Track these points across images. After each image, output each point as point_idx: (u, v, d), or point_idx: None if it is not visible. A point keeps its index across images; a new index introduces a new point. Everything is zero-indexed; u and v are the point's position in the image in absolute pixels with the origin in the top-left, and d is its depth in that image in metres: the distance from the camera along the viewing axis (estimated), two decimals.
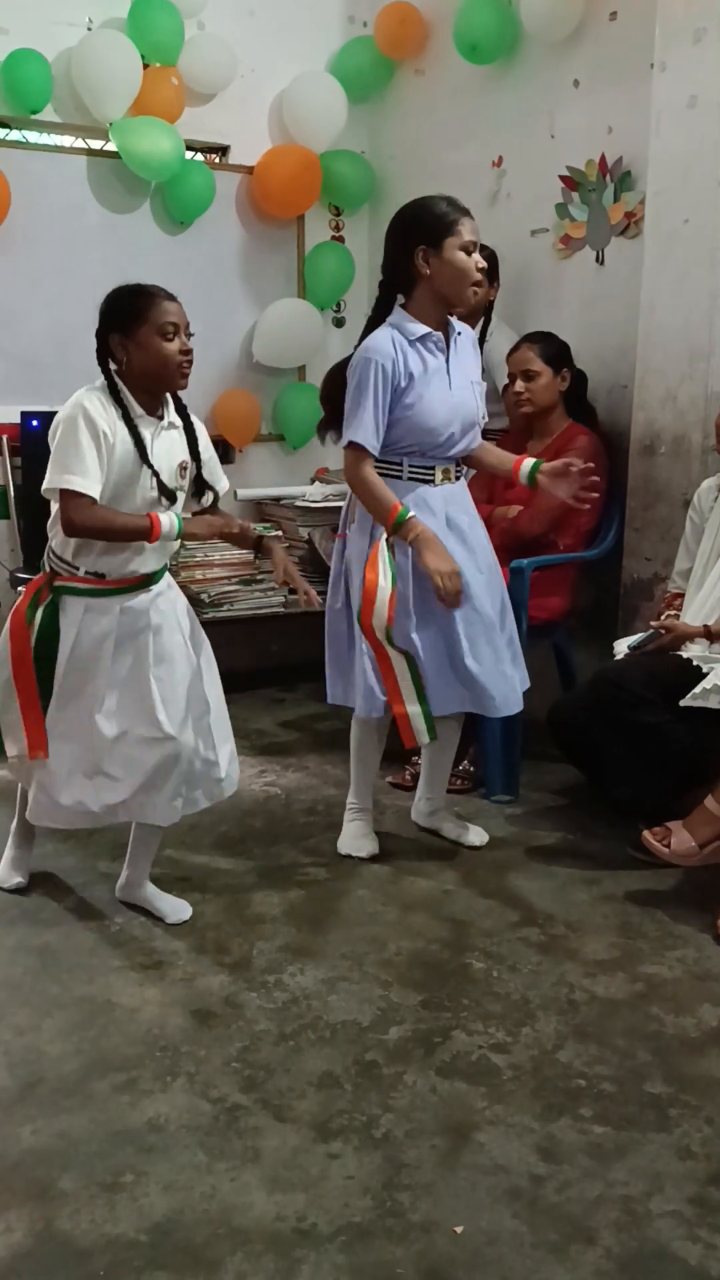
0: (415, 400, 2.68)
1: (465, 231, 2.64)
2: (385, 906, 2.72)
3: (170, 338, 2.34)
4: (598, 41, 3.71)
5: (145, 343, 2.33)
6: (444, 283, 2.66)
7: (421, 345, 2.71)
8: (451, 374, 2.74)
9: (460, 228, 2.64)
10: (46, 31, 4.03)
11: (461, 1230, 1.71)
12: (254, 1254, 1.66)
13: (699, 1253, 1.67)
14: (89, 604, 2.45)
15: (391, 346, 2.67)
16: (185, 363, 2.37)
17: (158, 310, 2.33)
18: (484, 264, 2.71)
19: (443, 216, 2.65)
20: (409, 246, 2.67)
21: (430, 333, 2.71)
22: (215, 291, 4.51)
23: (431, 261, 2.65)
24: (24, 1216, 1.73)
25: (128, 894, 2.69)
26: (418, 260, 2.66)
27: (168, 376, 2.37)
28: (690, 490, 3.26)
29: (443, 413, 2.70)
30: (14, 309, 4.14)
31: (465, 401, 2.75)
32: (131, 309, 2.34)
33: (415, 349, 2.70)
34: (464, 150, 4.29)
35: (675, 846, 2.73)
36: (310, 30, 4.54)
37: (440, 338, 2.73)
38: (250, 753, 3.79)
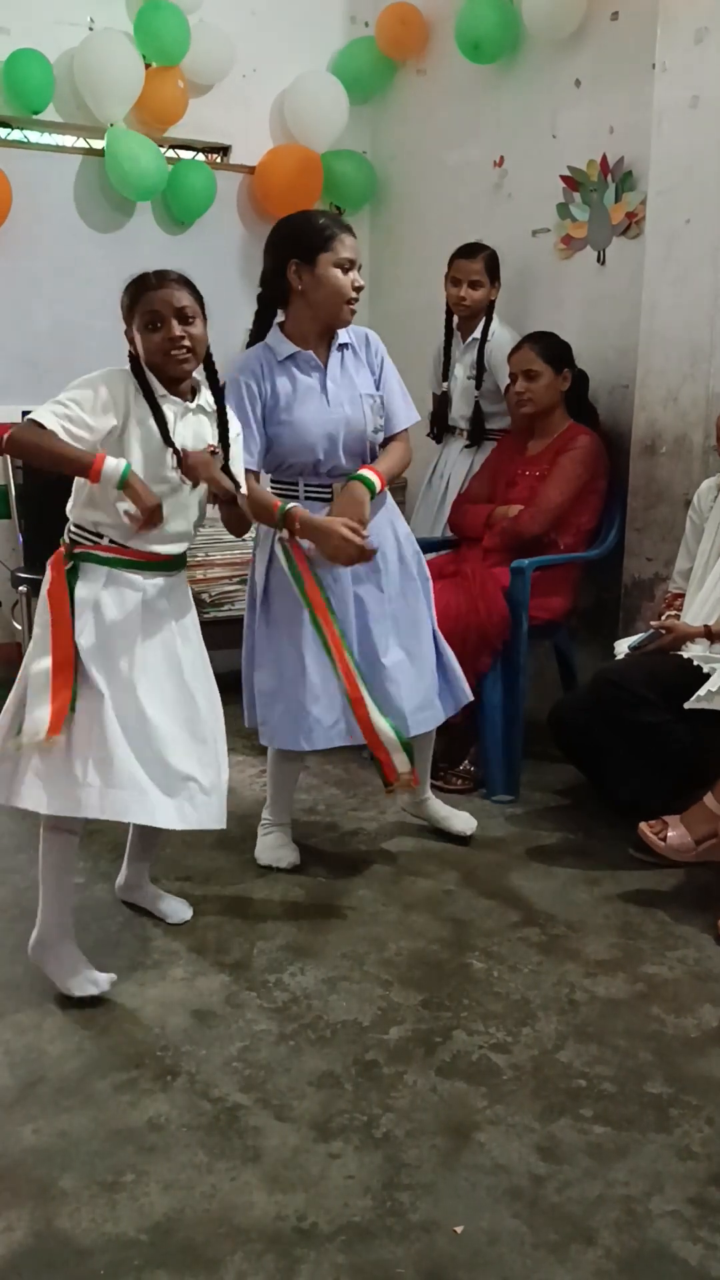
0: (288, 420, 2.65)
1: (342, 248, 2.58)
2: (386, 906, 2.72)
3: (155, 329, 2.28)
4: (599, 41, 3.72)
5: (137, 334, 2.32)
6: (317, 300, 2.61)
7: (292, 364, 2.68)
8: (329, 391, 2.68)
9: (337, 244, 2.58)
10: (48, 32, 4.03)
11: (462, 1230, 1.71)
12: (254, 1253, 1.66)
13: (699, 1253, 1.67)
14: (111, 574, 2.36)
15: (257, 365, 2.65)
16: (173, 351, 2.29)
17: (141, 300, 2.29)
18: (361, 284, 2.63)
19: (320, 230, 2.59)
20: (282, 260, 2.62)
21: (299, 352, 2.67)
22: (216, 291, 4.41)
23: (304, 277, 2.60)
24: (25, 1215, 1.73)
25: (128, 894, 2.69)
26: (290, 274, 2.61)
27: (155, 365, 2.32)
28: (691, 490, 3.26)
29: (317, 431, 2.65)
30: (15, 308, 4.14)
31: (349, 419, 2.68)
32: (128, 300, 2.33)
33: (285, 367, 2.67)
34: (465, 150, 4.29)
35: (672, 840, 2.73)
36: (311, 30, 4.55)
37: (311, 356, 2.68)
38: (250, 752, 3.79)
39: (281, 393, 2.66)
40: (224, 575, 4.19)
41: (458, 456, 3.95)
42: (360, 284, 2.65)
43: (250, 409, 2.64)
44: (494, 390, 3.81)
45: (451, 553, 3.67)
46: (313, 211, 2.67)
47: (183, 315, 2.31)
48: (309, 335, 2.68)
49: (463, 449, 3.94)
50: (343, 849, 3.05)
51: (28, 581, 3.98)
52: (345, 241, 2.60)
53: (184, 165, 4.35)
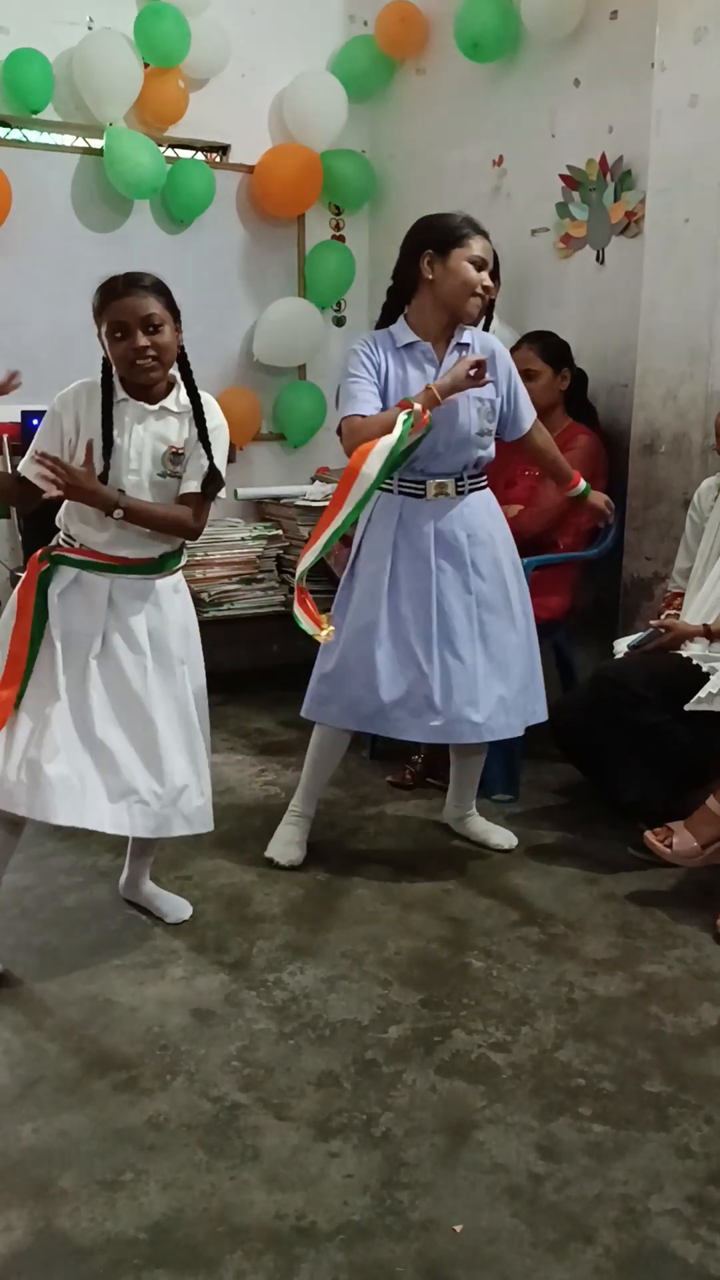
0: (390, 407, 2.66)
1: (475, 247, 2.65)
2: (385, 906, 2.72)
3: (120, 338, 2.28)
4: (598, 40, 3.71)
5: (107, 340, 2.32)
6: (446, 291, 2.66)
7: (406, 354, 2.71)
8: None
9: (471, 241, 2.65)
10: (47, 31, 4.03)
11: (461, 1229, 1.71)
12: (254, 1252, 1.66)
13: (698, 1251, 1.67)
14: (80, 575, 2.40)
15: (375, 342, 2.71)
16: (138, 361, 2.28)
17: (107, 310, 2.29)
18: (489, 283, 2.70)
19: (456, 228, 2.67)
20: (417, 250, 2.68)
21: (417, 342, 2.71)
22: (215, 291, 4.51)
23: (435, 268, 2.65)
24: (24, 1215, 1.73)
25: (130, 892, 2.69)
26: (423, 264, 2.66)
27: (125, 374, 2.33)
28: (690, 489, 3.26)
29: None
30: (14, 308, 4.14)
31: (453, 417, 2.69)
32: (97, 303, 2.33)
33: (400, 356, 2.71)
34: (465, 149, 4.29)
35: (677, 847, 2.72)
36: (310, 29, 4.54)
37: (429, 348, 2.72)
38: (250, 752, 3.79)
39: (393, 378, 2.70)
40: (223, 575, 4.20)
41: None
42: (489, 285, 2.70)
43: (362, 371, 2.69)
44: None
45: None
46: (452, 213, 2.75)
47: (149, 323, 2.28)
48: (431, 328, 2.72)
49: None
50: (342, 848, 3.05)
51: None
52: (479, 242, 2.67)
53: (183, 164, 4.34)
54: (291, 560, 4.38)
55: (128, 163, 4.10)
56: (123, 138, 4.10)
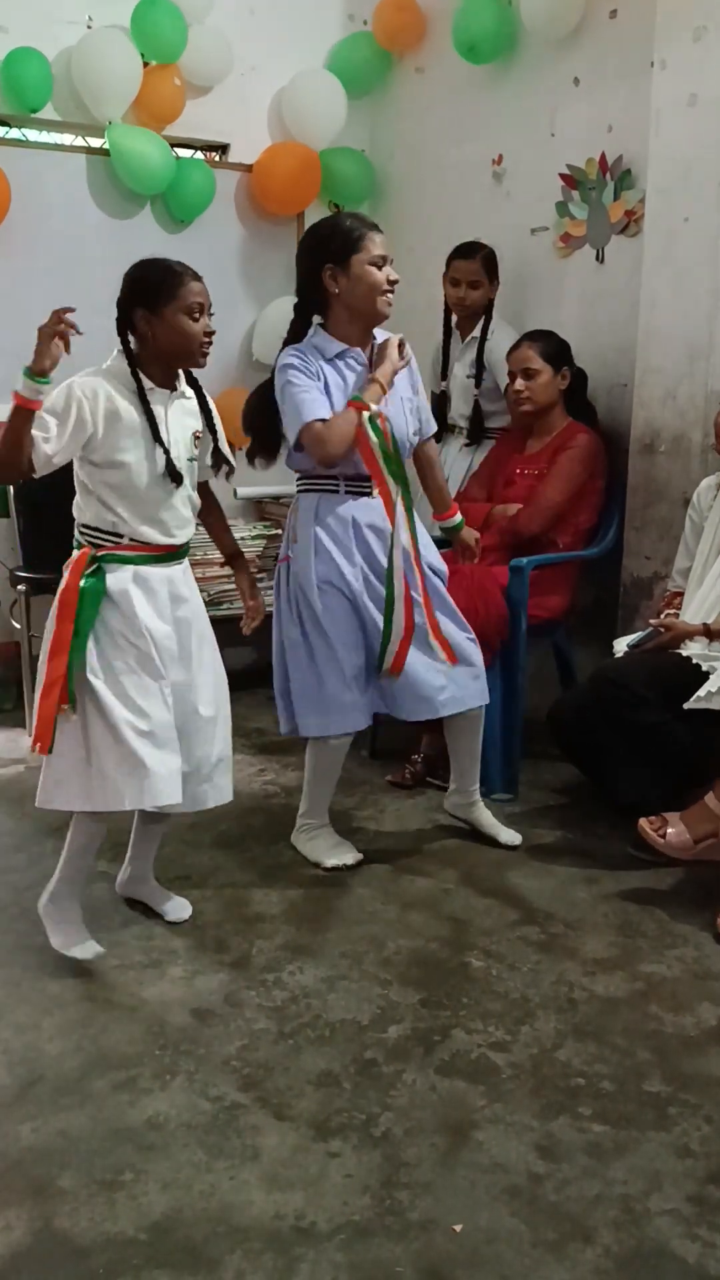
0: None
1: (373, 246, 2.65)
2: (385, 905, 2.72)
3: (196, 317, 2.36)
4: (598, 39, 3.71)
5: (172, 320, 2.34)
6: (354, 300, 2.68)
7: (340, 361, 2.73)
8: None
9: (367, 243, 2.65)
10: (46, 30, 4.02)
11: (460, 1229, 1.71)
12: (253, 1252, 1.66)
13: (697, 1251, 1.67)
14: (137, 572, 2.41)
15: (303, 354, 2.72)
16: (207, 343, 2.39)
17: (186, 289, 2.35)
18: (395, 277, 2.71)
19: (348, 232, 2.66)
20: (317, 265, 2.69)
21: (347, 349, 2.73)
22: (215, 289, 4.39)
23: (339, 280, 2.66)
24: (23, 1214, 1.73)
25: (129, 890, 2.69)
26: (325, 279, 2.67)
27: (190, 355, 2.40)
28: (690, 489, 3.26)
29: None
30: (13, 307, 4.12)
31: (392, 419, 2.73)
32: (160, 285, 2.35)
33: (334, 365, 2.73)
34: (464, 148, 4.29)
35: (671, 838, 2.73)
36: (310, 28, 4.54)
37: (360, 354, 2.75)
38: (250, 751, 3.79)
39: (331, 388, 2.71)
40: (222, 574, 4.19)
41: (457, 455, 3.94)
42: (394, 278, 2.71)
43: (306, 373, 2.70)
44: (493, 389, 3.81)
45: (450, 551, 3.66)
46: (340, 215, 2.75)
47: (209, 309, 2.41)
48: (351, 336, 2.74)
49: (462, 448, 3.94)
50: None
51: (27, 580, 3.98)
52: (374, 239, 2.68)
53: (183, 163, 4.34)
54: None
55: (136, 158, 4.09)
56: (128, 134, 4.09)
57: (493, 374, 3.79)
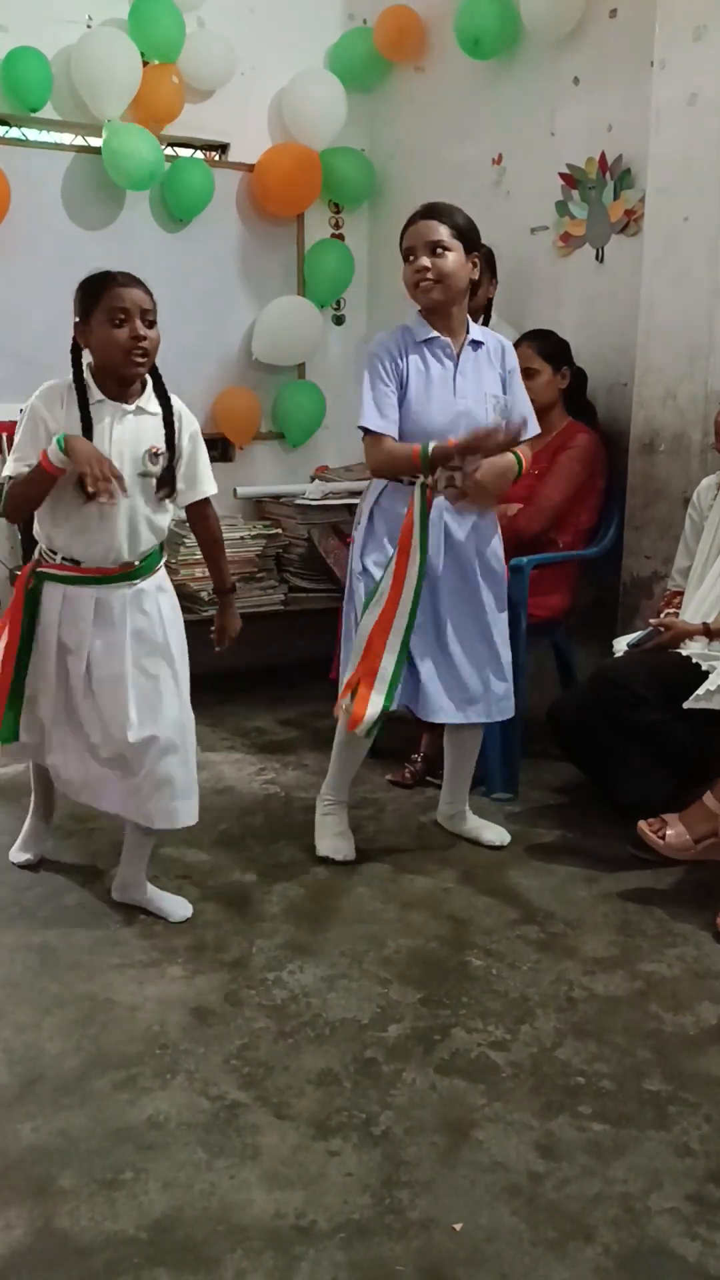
0: (413, 404, 2.71)
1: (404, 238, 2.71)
2: (385, 904, 2.72)
3: (119, 324, 2.30)
4: (598, 39, 3.71)
5: (97, 328, 2.33)
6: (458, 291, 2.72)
7: (426, 349, 2.74)
8: (458, 383, 2.74)
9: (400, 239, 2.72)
10: (46, 29, 4.02)
11: (460, 1227, 1.71)
12: (253, 1251, 1.66)
13: (697, 1250, 1.67)
14: (66, 592, 2.46)
15: (394, 343, 2.73)
16: (134, 350, 2.32)
17: (109, 295, 2.31)
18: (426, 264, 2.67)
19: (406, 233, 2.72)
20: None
21: (436, 337, 2.74)
22: (215, 289, 4.51)
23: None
24: (24, 1214, 1.73)
25: (124, 895, 2.68)
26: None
27: (114, 363, 2.35)
28: (690, 488, 3.26)
29: (442, 420, 2.70)
30: (13, 307, 4.13)
31: (470, 412, 2.73)
32: (88, 293, 2.34)
33: (419, 352, 2.73)
34: (464, 147, 4.29)
35: (671, 839, 2.73)
36: (310, 28, 4.54)
37: (449, 344, 2.75)
38: (250, 750, 3.79)
39: (413, 374, 2.72)
40: None
41: None
42: (424, 264, 2.67)
43: (388, 373, 2.71)
44: None
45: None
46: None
47: (146, 316, 2.34)
48: (444, 325, 2.75)
49: None
50: None
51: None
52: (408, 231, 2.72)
53: (182, 163, 4.34)
54: (291, 559, 4.38)
55: (125, 154, 4.09)
56: (121, 131, 4.09)
57: None
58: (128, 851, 2.64)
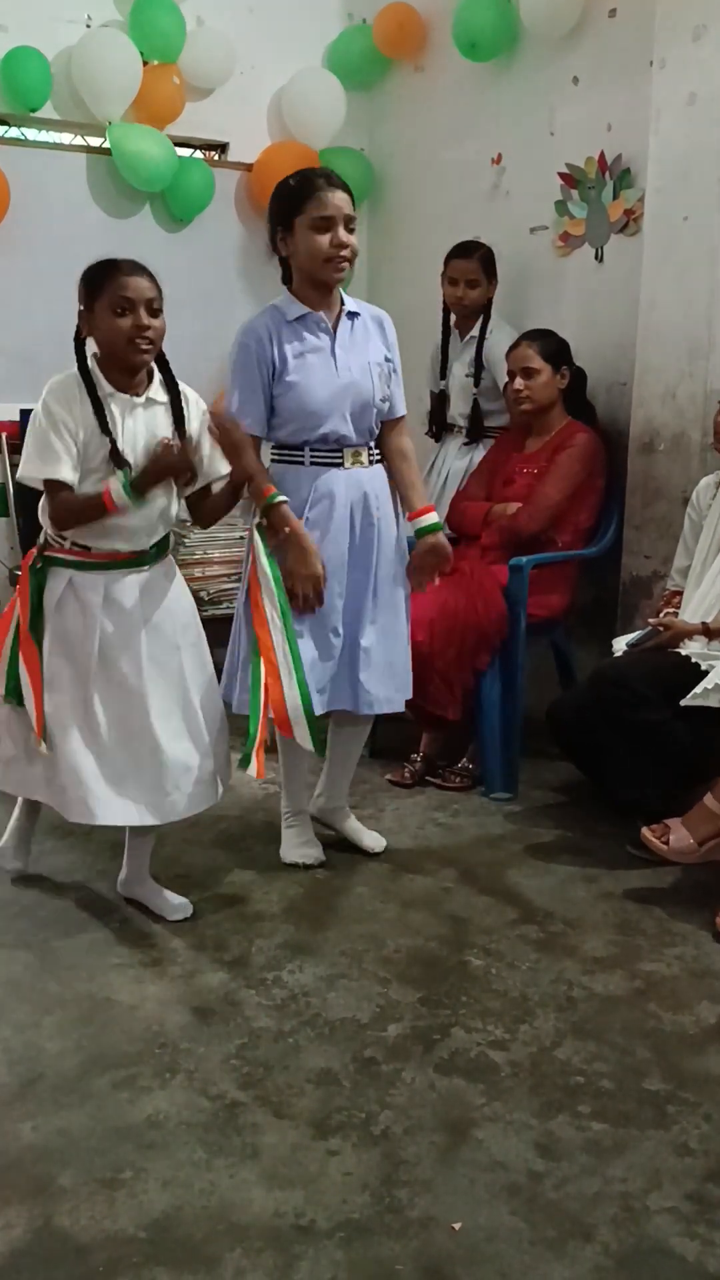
0: (294, 381, 2.63)
1: (314, 208, 2.53)
2: (384, 904, 2.72)
3: (121, 312, 2.28)
4: (597, 38, 3.71)
5: (100, 318, 2.31)
6: (302, 263, 2.62)
7: (301, 325, 2.65)
8: (338, 356, 2.66)
9: (308, 205, 2.54)
10: (46, 29, 4.03)
11: (460, 1227, 1.71)
12: (253, 1250, 1.66)
13: (697, 1249, 1.67)
14: (73, 577, 2.42)
15: (264, 328, 2.64)
16: (138, 339, 2.30)
17: (113, 284, 2.29)
18: (345, 238, 2.56)
19: (292, 195, 2.58)
20: (272, 230, 2.65)
21: (309, 314, 2.65)
22: (215, 289, 4.51)
23: (288, 242, 2.62)
24: (23, 1213, 1.73)
25: (129, 889, 2.69)
26: (278, 243, 2.64)
27: (119, 353, 2.33)
28: (689, 488, 3.26)
29: (324, 394, 2.63)
30: (13, 306, 4.14)
31: (355, 383, 2.65)
32: (91, 282, 2.32)
33: (294, 329, 2.65)
34: (463, 147, 4.29)
35: (674, 843, 2.73)
36: (309, 28, 4.54)
37: (321, 318, 2.66)
38: None
39: (290, 354, 2.64)
40: (222, 573, 4.19)
41: (456, 454, 3.95)
42: (342, 240, 2.56)
43: (257, 370, 2.63)
44: (492, 388, 3.81)
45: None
46: (292, 175, 2.63)
47: (150, 306, 2.32)
48: (312, 298, 2.66)
49: (461, 446, 3.94)
50: (341, 846, 3.04)
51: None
52: (318, 199, 2.54)
53: (182, 162, 4.34)
54: None
55: (138, 156, 4.09)
56: (129, 132, 4.10)
57: (492, 373, 3.79)
58: (131, 846, 2.65)
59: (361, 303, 2.79)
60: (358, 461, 2.72)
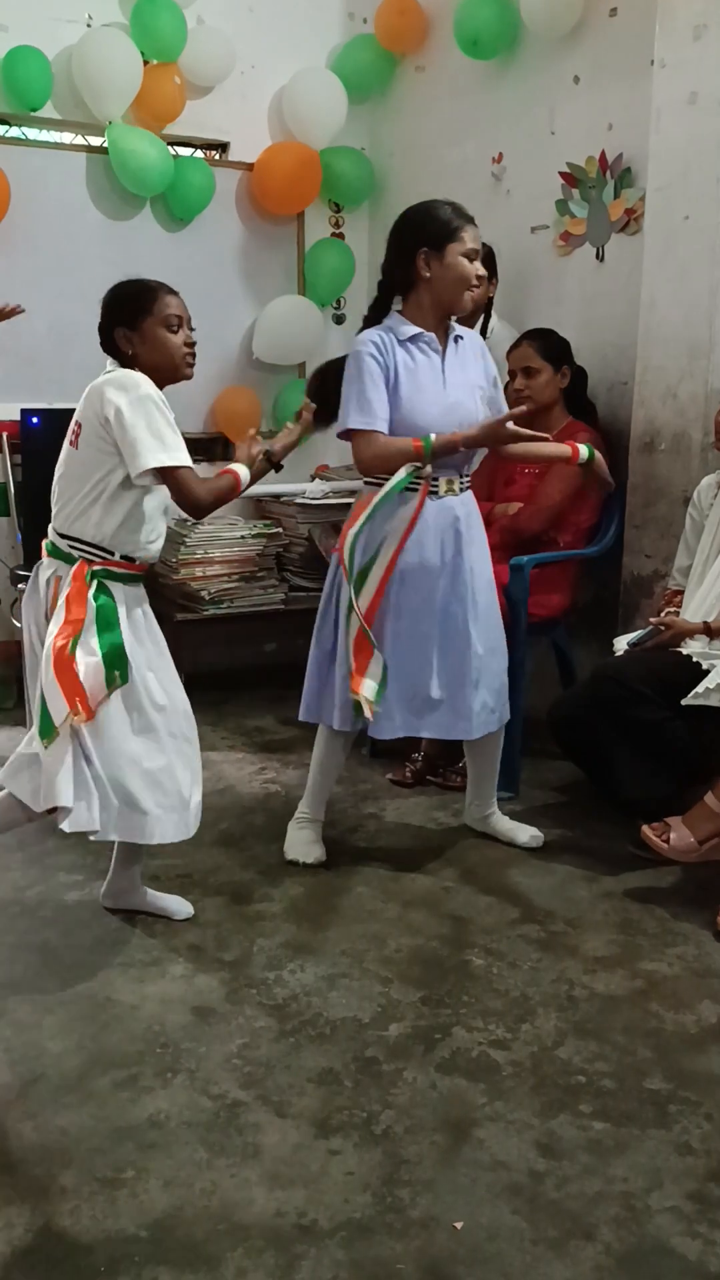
0: (405, 399, 2.69)
1: (468, 239, 2.66)
2: (385, 903, 2.72)
3: (175, 330, 2.36)
4: (598, 38, 3.71)
5: (150, 336, 2.34)
6: (442, 287, 2.68)
7: (413, 345, 2.72)
8: (447, 375, 2.74)
9: (464, 234, 2.66)
10: (46, 28, 4.03)
11: (461, 1226, 1.71)
12: (254, 1250, 1.66)
13: (698, 1248, 1.67)
14: (125, 590, 2.42)
15: (380, 340, 2.70)
16: (190, 354, 2.39)
17: (161, 303, 2.34)
18: (484, 272, 2.74)
19: (448, 222, 2.67)
20: (412, 248, 2.68)
21: (421, 333, 2.72)
22: (215, 289, 4.51)
23: (433, 265, 2.66)
24: (25, 1213, 1.73)
25: (115, 900, 2.65)
26: (419, 262, 2.67)
27: (174, 368, 2.38)
28: (690, 487, 3.26)
29: (434, 413, 2.69)
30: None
31: (462, 404, 2.73)
32: (136, 303, 2.35)
33: (406, 349, 2.72)
34: (464, 147, 4.29)
35: (675, 842, 2.73)
36: (310, 27, 4.54)
37: (433, 338, 2.74)
38: (250, 750, 3.80)
39: (402, 371, 2.70)
40: (223, 573, 4.20)
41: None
42: (482, 273, 2.74)
43: (371, 375, 2.68)
44: None
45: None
46: (438, 202, 2.73)
47: (189, 323, 2.40)
48: (429, 322, 2.74)
49: None
50: (342, 846, 3.05)
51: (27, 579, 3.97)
52: (470, 232, 2.68)
53: (183, 162, 4.34)
54: (291, 558, 4.38)
55: (135, 159, 4.10)
56: (128, 135, 4.10)
57: None
58: (120, 854, 2.62)
59: (463, 327, 2.86)
60: (450, 490, 2.78)
